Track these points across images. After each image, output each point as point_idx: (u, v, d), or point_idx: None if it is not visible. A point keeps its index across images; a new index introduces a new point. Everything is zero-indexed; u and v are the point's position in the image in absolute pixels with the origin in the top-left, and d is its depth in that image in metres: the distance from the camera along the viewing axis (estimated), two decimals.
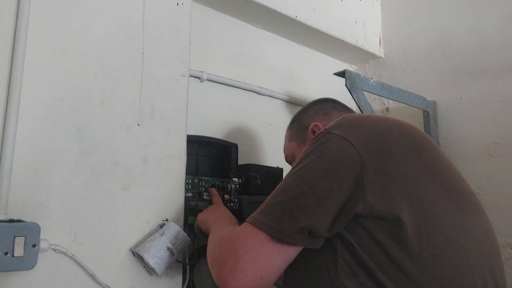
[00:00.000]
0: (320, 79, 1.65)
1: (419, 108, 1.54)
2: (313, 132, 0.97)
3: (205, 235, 0.91)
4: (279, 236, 0.65)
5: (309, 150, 0.70)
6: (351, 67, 1.82)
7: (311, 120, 1.01)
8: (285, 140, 1.12)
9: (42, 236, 0.78)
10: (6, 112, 0.80)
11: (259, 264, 0.65)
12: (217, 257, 0.71)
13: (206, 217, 0.95)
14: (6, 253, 0.73)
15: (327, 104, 1.05)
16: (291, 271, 0.74)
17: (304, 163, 0.69)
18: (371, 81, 1.37)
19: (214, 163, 1.21)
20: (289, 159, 1.09)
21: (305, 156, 0.70)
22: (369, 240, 0.64)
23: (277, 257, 0.66)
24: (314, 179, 0.67)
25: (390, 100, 1.68)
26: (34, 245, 0.76)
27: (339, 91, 1.38)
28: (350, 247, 0.66)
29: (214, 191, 1.09)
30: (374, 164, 0.66)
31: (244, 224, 0.70)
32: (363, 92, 1.33)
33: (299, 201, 0.66)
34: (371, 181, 0.65)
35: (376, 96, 1.61)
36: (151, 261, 0.88)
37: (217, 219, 0.91)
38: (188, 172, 1.06)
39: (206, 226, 0.91)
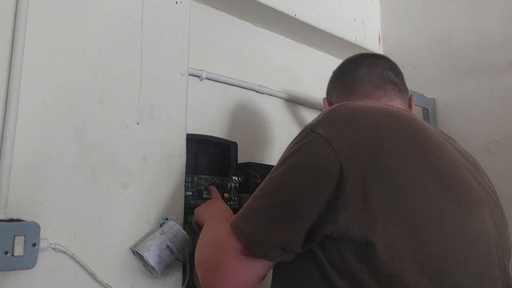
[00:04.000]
0: (319, 77, 1.65)
1: (419, 106, 1.54)
2: (325, 105, 0.93)
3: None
4: (253, 250, 0.63)
5: (292, 149, 0.66)
6: None
7: (328, 90, 0.94)
8: None
9: (42, 235, 0.78)
10: (5, 111, 0.80)
11: (240, 273, 0.66)
12: (203, 260, 0.72)
13: (202, 211, 0.96)
14: (6, 253, 0.73)
15: (335, 79, 0.93)
16: (275, 273, 0.73)
17: (286, 166, 0.65)
18: None
19: (213, 162, 1.21)
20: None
21: (288, 156, 0.66)
22: (340, 260, 0.61)
23: (256, 266, 0.65)
24: (291, 190, 0.63)
25: None
26: (34, 245, 0.76)
27: None
28: (320, 264, 0.63)
29: (213, 188, 1.09)
30: (357, 177, 0.59)
31: (227, 227, 0.68)
32: None
33: (275, 212, 0.64)
34: (348, 196, 0.59)
35: None
36: (151, 260, 0.88)
37: (212, 215, 0.91)
38: (187, 171, 1.06)
39: (202, 221, 0.92)
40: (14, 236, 0.74)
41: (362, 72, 0.86)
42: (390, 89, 0.84)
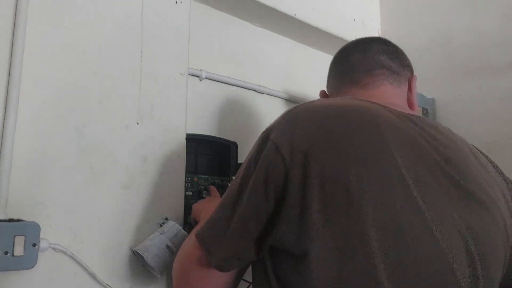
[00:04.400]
0: (319, 77, 1.65)
1: (418, 106, 1.54)
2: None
3: None
4: (210, 260, 0.63)
5: (250, 155, 0.64)
6: None
7: (327, 80, 0.88)
8: None
9: (42, 235, 0.78)
10: (5, 111, 0.80)
11: (204, 283, 0.66)
12: (175, 268, 0.72)
13: (198, 208, 0.95)
14: (6, 253, 0.73)
15: (331, 64, 0.87)
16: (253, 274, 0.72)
17: (244, 173, 0.63)
18: None
19: (213, 162, 1.21)
20: None
21: (247, 161, 0.64)
22: (279, 271, 0.61)
23: (217, 275, 0.64)
24: (244, 202, 0.61)
25: None
26: (34, 245, 0.76)
27: None
28: (267, 273, 0.63)
29: (213, 187, 1.09)
30: (298, 186, 0.57)
31: (193, 237, 0.67)
32: None
33: (228, 223, 0.62)
34: (290, 206, 0.57)
35: None
36: (151, 260, 0.88)
37: (206, 214, 0.90)
38: (187, 171, 1.06)
39: (198, 219, 0.91)
40: (14, 236, 0.74)
41: (354, 58, 0.81)
42: (380, 74, 0.78)
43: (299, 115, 0.63)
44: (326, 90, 0.88)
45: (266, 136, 0.63)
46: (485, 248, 0.61)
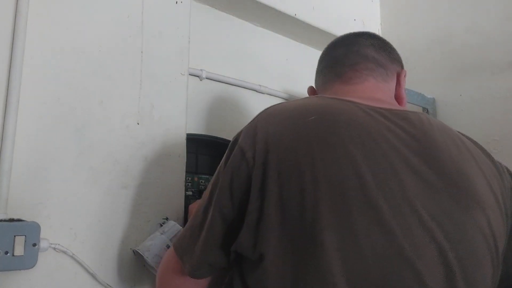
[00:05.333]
0: None
1: (418, 106, 1.54)
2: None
3: None
4: (184, 270, 0.65)
5: (221, 161, 0.65)
6: None
7: (315, 75, 0.85)
8: None
9: (42, 235, 0.78)
10: (5, 112, 0.80)
11: None
12: (157, 277, 0.74)
13: (194, 208, 0.94)
14: (6, 253, 0.73)
15: (322, 55, 0.83)
16: None
17: (214, 179, 0.64)
18: None
19: (214, 162, 1.21)
20: None
21: (218, 167, 0.65)
22: (242, 277, 0.61)
23: (196, 283, 0.66)
24: (212, 208, 0.62)
25: None
26: (34, 244, 0.76)
27: None
28: (234, 278, 0.63)
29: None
30: (260, 190, 0.57)
31: (171, 249, 0.71)
32: None
33: (201, 230, 0.63)
34: (251, 211, 0.57)
35: None
36: (152, 260, 0.88)
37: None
38: (188, 171, 1.06)
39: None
40: (14, 236, 0.74)
41: (338, 52, 0.78)
42: (364, 69, 0.75)
43: (262, 118, 0.63)
44: (314, 86, 0.86)
45: (235, 140, 0.63)
46: (462, 249, 0.56)
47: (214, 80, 1.31)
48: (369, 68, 0.75)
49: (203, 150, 1.19)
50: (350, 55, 0.77)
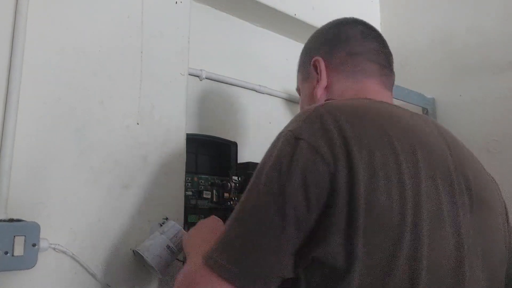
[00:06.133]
0: None
1: (418, 106, 1.54)
2: (315, 67, 0.77)
3: None
4: (237, 284, 0.52)
5: (270, 160, 0.57)
6: None
7: (316, 51, 0.79)
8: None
9: (42, 235, 0.78)
10: (5, 112, 0.80)
11: None
12: None
13: (185, 238, 0.83)
14: (6, 253, 0.73)
15: (342, 31, 0.78)
16: None
17: (262, 180, 0.56)
18: None
19: (213, 162, 1.21)
20: (298, 94, 0.89)
21: (264, 167, 0.57)
22: (315, 284, 0.53)
23: None
24: (272, 211, 0.53)
25: None
26: (34, 245, 0.76)
27: None
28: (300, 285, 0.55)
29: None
30: (348, 190, 0.52)
31: (199, 264, 0.56)
32: None
33: (259, 238, 0.53)
34: (338, 215, 0.51)
35: None
36: (152, 260, 0.88)
37: (195, 245, 0.75)
38: (187, 171, 1.06)
39: (185, 248, 0.80)
40: (14, 236, 0.74)
41: (374, 45, 0.77)
42: (392, 82, 0.79)
43: (327, 114, 0.57)
44: (321, 57, 0.77)
45: (291, 137, 0.56)
46: (494, 258, 0.62)
47: (214, 80, 1.32)
48: (392, 79, 0.79)
49: (203, 150, 1.19)
50: (385, 57, 0.77)
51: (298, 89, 0.88)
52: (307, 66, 0.80)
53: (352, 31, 0.78)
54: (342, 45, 0.76)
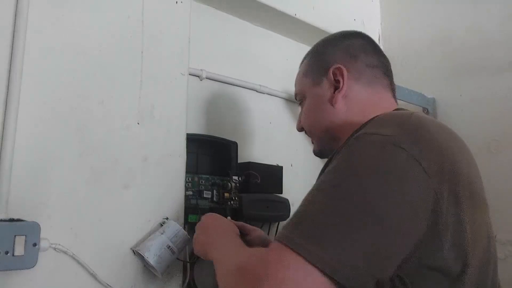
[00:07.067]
0: None
1: (419, 106, 1.54)
2: (334, 75, 0.78)
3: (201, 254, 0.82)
4: (332, 275, 0.48)
5: (365, 162, 0.56)
6: None
7: (334, 59, 0.79)
8: (298, 72, 0.90)
9: (42, 235, 0.78)
10: (5, 112, 0.80)
11: None
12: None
13: (200, 240, 0.83)
14: (6, 252, 0.73)
15: (358, 43, 0.81)
16: None
17: (356, 178, 0.54)
18: None
19: (214, 162, 1.21)
20: (298, 98, 0.88)
21: (353, 167, 0.56)
22: None
23: None
24: (379, 209, 0.52)
25: None
26: (34, 244, 0.76)
27: None
28: None
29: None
30: (451, 203, 0.56)
31: (277, 246, 0.53)
32: None
33: (361, 233, 0.51)
34: (445, 224, 0.54)
35: None
36: (152, 260, 0.88)
37: (217, 238, 0.78)
38: (188, 171, 1.06)
39: (204, 251, 0.80)
40: (15, 236, 0.74)
41: (385, 60, 0.82)
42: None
43: (421, 126, 0.61)
44: (342, 65, 0.78)
45: (389, 144, 0.56)
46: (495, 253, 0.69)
47: (214, 80, 1.32)
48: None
49: (204, 150, 1.19)
50: (391, 72, 0.82)
51: (300, 93, 0.87)
52: (321, 72, 0.81)
53: (366, 43, 0.82)
54: (360, 56, 0.79)
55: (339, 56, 0.79)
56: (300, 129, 0.88)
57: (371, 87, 0.77)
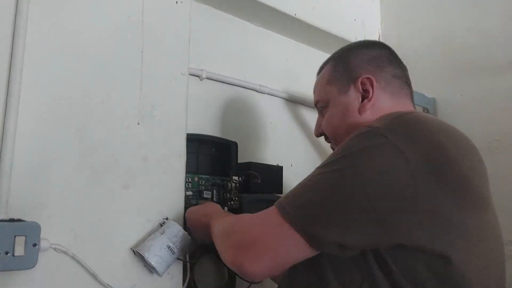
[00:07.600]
0: None
1: (419, 106, 1.54)
2: (363, 85, 0.80)
3: (201, 233, 0.93)
4: (308, 240, 0.62)
5: (353, 149, 0.64)
6: None
7: (362, 69, 0.82)
8: (319, 79, 0.92)
9: (42, 235, 0.78)
10: (5, 112, 0.80)
11: (277, 255, 0.65)
12: (237, 240, 0.71)
13: (202, 211, 0.96)
14: (6, 253, 0.73)
15: (384, 54, 0.85)
16: (293, 271, 0.72)
17: (344, 165, 0.63)
18: None
19: (214, 162, 1.21)
20: (320, 105, 0.90)
21: (347, 155, 0.64)
22: (411, 270, 0.60)
23: (298, 252, 0.65)
24: (355, 191, 0.61)
25: None
26: (34, 245, 0.76)
27: None
28: (386, 268, 0.62)
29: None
30: (428, 189, 0.59)
31: (270, 209, 0.68)
32: None
33: (334, 209, 0.62)
34: (422, 210, 0.59)
35: None
36: (152, 260, 0.88)
37: (217, 211, 0.93)
38: (188, 171, 1.06)
39: (205, 219, 0.90)
40: (15, 236, 0.74)
41: (405, 73, 0.86)
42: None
43: (414, 122, 0.66)
44: (372, 77, 0.80)
45: (377, 134, 0.63)
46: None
47: (214, 80, 1.31)
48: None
49: (204, 150, 1.19)
50: (410, 82, 0.86)
51: (323, 100, 0.88)
52: (348, 81, 0.83)
53: (390, 54, 0.86)
54: (387, 67, 0.82)
55: (366, 66, 0.82)
56: (319, 134, 0.91)
57: (396, 97, 0.81)
